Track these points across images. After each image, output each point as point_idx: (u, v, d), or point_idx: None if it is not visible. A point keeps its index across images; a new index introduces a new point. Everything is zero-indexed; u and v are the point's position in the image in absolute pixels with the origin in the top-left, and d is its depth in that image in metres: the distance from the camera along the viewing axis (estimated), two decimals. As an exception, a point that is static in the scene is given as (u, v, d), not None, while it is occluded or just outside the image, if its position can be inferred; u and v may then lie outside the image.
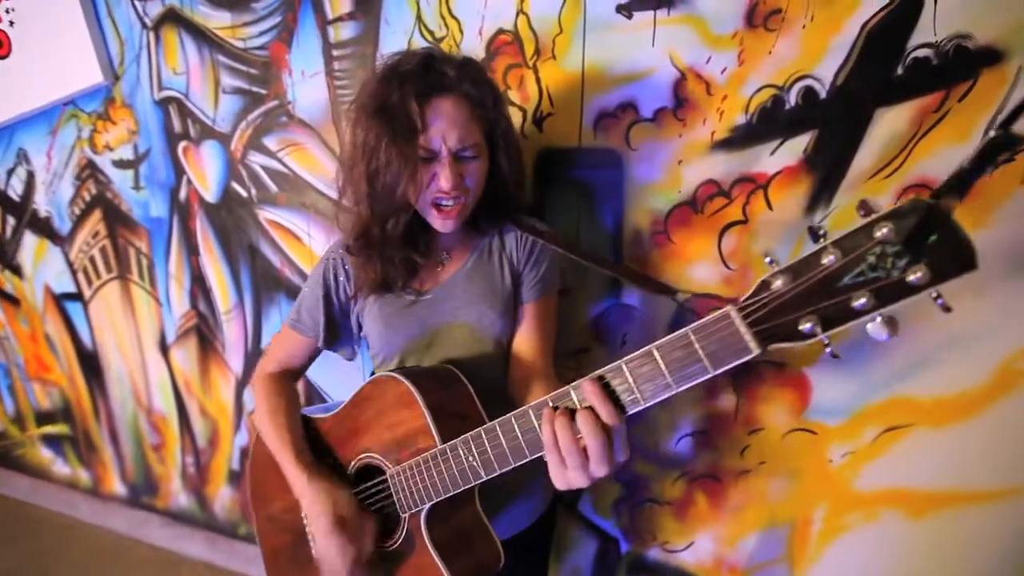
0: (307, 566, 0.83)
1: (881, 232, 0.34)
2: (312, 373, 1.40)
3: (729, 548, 1.05)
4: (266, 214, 1.37)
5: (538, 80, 0.97)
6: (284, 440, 0.81)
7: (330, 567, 0.75)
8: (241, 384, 1.56)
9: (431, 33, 1.04)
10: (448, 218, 0.76)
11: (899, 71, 0.76)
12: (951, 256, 0.33)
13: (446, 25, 1.03)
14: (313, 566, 0.79)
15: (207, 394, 1.64)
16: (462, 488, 0.67)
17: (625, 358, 0.49)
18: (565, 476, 0.54)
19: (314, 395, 1.44)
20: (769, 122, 0.84)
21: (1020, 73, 0.71)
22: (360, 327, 0.88)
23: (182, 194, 1.48)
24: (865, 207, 0.36)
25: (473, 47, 1.01)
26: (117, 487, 2.01)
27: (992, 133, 0.33)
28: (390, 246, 0.78)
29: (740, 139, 0.86)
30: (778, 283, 0.39)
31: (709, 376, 0.44)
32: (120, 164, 1.57)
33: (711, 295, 0.94)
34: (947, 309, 0.35)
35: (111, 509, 2.03)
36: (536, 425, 0.56)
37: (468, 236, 0.86)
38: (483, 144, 0.76)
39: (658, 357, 0.45)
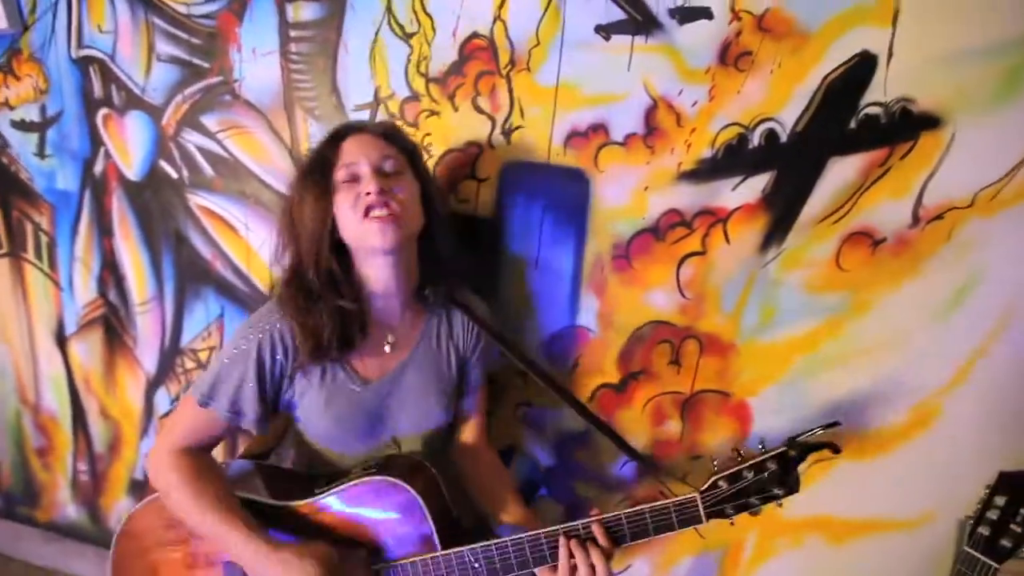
0: None
1: (769, 466, 0.67)
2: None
3: (663, 573, 1.07)
4: (198, 199, 1.24)
5: (511, 91, 0.95)
6: (229, 519, 0.73)
7: None
8: (153, 384, 1.40)
9: (401, 27, 0.99)
10: (385, 225, 0.73)
11: (852, 124, 0.81)
12: (793, 484, 0.67)
13: (418, 21, 0.98)
14: None
15: (110, 393, 1.46)
16: None
17: (624, 511, 0.71)
18: None
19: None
20: (733, 159, 0.86)
21: (954, 139, 0.77)
22: (288, 406, 0.82)
23: (98, 167, 1.32)
24: (736, 452, 0.69)
25: (446, 48, 0.97)
26: (-13, 495, 1.74)
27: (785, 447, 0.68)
28: (315, 291, 0.77)
29: (705, 172, 0.88)
30: (723, 484, 0.69)
31: (673, 532, 0.71)
32: (21, 126, 1.37)
33: (666, 322, 0.96)
34: (780, 505, 0.68)
35: (-23, 520, 1.76)
36: (543, 545, 0.73)
37: (414, 316, 0.86)
38: (407, 165, 0.79)
39: (648, 516, 0.71)
